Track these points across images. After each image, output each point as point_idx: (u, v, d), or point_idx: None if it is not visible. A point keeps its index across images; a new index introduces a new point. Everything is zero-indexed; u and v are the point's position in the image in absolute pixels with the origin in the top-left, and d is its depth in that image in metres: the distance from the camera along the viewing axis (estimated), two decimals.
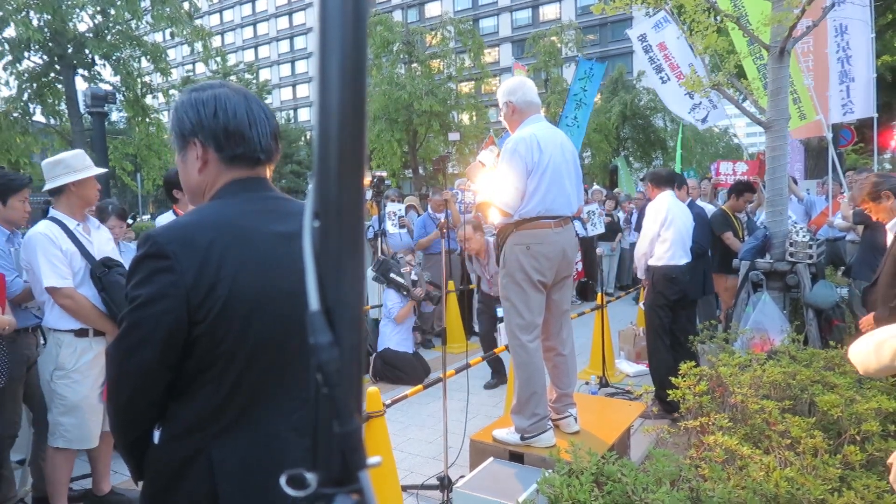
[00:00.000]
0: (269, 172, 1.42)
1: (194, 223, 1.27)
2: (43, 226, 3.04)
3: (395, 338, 5.99)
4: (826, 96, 6.56)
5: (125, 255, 3.54)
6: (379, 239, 6.06)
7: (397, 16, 44.36)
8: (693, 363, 3.19)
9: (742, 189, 6.12)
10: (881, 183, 3.56)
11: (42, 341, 3.40)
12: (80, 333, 3.09)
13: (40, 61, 13.53)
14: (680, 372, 3.13)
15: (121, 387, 1.26)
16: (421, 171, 29.13)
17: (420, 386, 3.82)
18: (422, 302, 6.18)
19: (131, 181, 16.19)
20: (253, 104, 1.35)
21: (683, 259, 4.64)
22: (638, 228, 8.26)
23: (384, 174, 5.80)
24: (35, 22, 12.39)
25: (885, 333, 2.02)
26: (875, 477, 2.24)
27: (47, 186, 3.11)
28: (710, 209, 6.43)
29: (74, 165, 3.10)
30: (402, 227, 7.29)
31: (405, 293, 5.89)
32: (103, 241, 3.27)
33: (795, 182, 7.57)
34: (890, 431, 2.51)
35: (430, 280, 6.57)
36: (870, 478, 2.23)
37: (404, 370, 5.81)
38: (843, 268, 6.23)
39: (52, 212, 3.14)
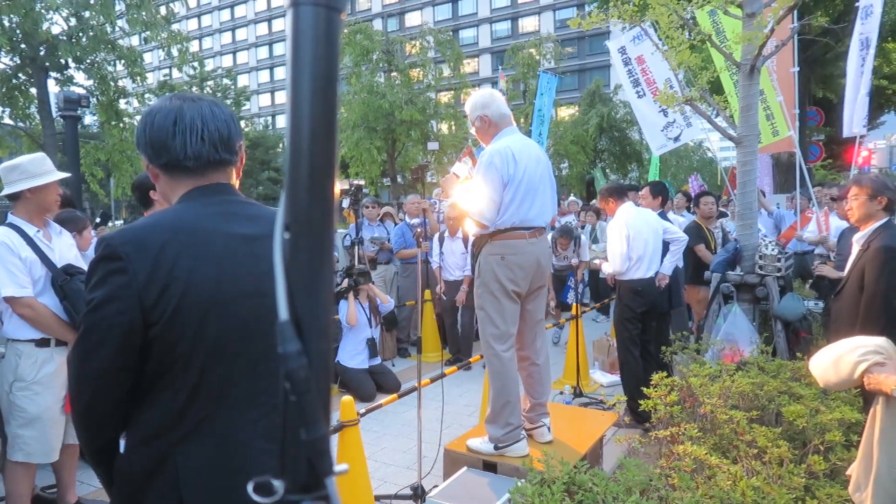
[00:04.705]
0: (230, 178, 1.43)
1: (149, 225, 1.29)
2: (0, 232, 2.93)
3: (346, 350, 5.82)
4: (794, 113, 6.75)
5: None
6: (356, 247, 6.04)
7: (377, 24, 44.44)
8: (665, 373, 3.23)
9: (697, 197, 6.61)
10: (889, 188, 3.36)
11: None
12: (41, 343, 3.01)
13: (11, 63, 13.26)
14: (652, 382, 3.17)
15: (81, 391, 1.26)
16: (399, 179, 29.14)
17: (395, 395, 3.82)
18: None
19: (99, 189, 15.88)
20: (189, 112, 1.34)
21: (649, 272, 4.69)
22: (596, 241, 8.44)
23: (362, 182, 5.79)
24: (6, 23, 12.14)
25: (842, 348, 2.08)
26: (838, 486, 2.30)
27: (3, 192, 3.02)
28: (680, 221, 6.54)
29: (31, 171, 2.98)
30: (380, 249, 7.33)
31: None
32: (65, 248, 3.17)
33: (764, 195, 7.74)
34: (853, 442, 2.57)
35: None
36: (833, 487, 2.29)
37: (350, 386, 5.59)
38: (810, 281, 6.37)
39: (11, 217, 3.04)
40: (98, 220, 9.48)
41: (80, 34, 13.43)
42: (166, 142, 1.33)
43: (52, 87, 13.48)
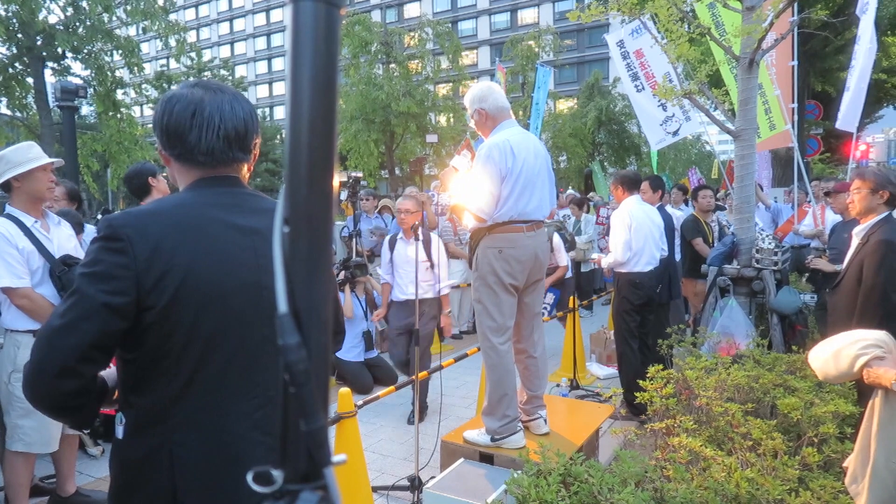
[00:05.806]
0: (240, 171, 1.43)
1: (152, 211, 1.29)
2: None
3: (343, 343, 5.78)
4: (791, 108, 6.74)
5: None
6: (353, 239, 6.05)
7: (376, 16, 44.22)
8: (661, 366, 3.25)
9: (695, 191, 6.60)
10: (891, 183, 3.35)
11: None
12: None
13: (7, 52, 13.19)
14: (648, 375, 3.19)
15: (45, 369, 1.17)
16: (397, 171, 29.08)
17: (392, 387, 3.83)
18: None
19: (93, 182, 15.82)
20: (210, 106, 1.34)
21: (649, 266, 4.70)
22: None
23: (360, 174, 5.78)
24: (3, 12, 12.07)
25: (842, 341, 2.10)
26: (832, 478, 2.32)
27: None
28: (678, 215, 6.56)
29: (15, 160, 2.97)
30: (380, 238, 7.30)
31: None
32: (63, 239, 3.17)
33: (762, 189, 7.75)
34: (847, 434, 2.59)
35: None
36: (826, 478, 2.31)
37: (347, 379, 5.58)
38: (807, 274, 6.39)
39: (8, 209, 3.04)
40: (99, 216, 9.45)
41: (78, 24, 13.37)
42: (182, 134, 1.33)
43: (49, 77, 13.44)
